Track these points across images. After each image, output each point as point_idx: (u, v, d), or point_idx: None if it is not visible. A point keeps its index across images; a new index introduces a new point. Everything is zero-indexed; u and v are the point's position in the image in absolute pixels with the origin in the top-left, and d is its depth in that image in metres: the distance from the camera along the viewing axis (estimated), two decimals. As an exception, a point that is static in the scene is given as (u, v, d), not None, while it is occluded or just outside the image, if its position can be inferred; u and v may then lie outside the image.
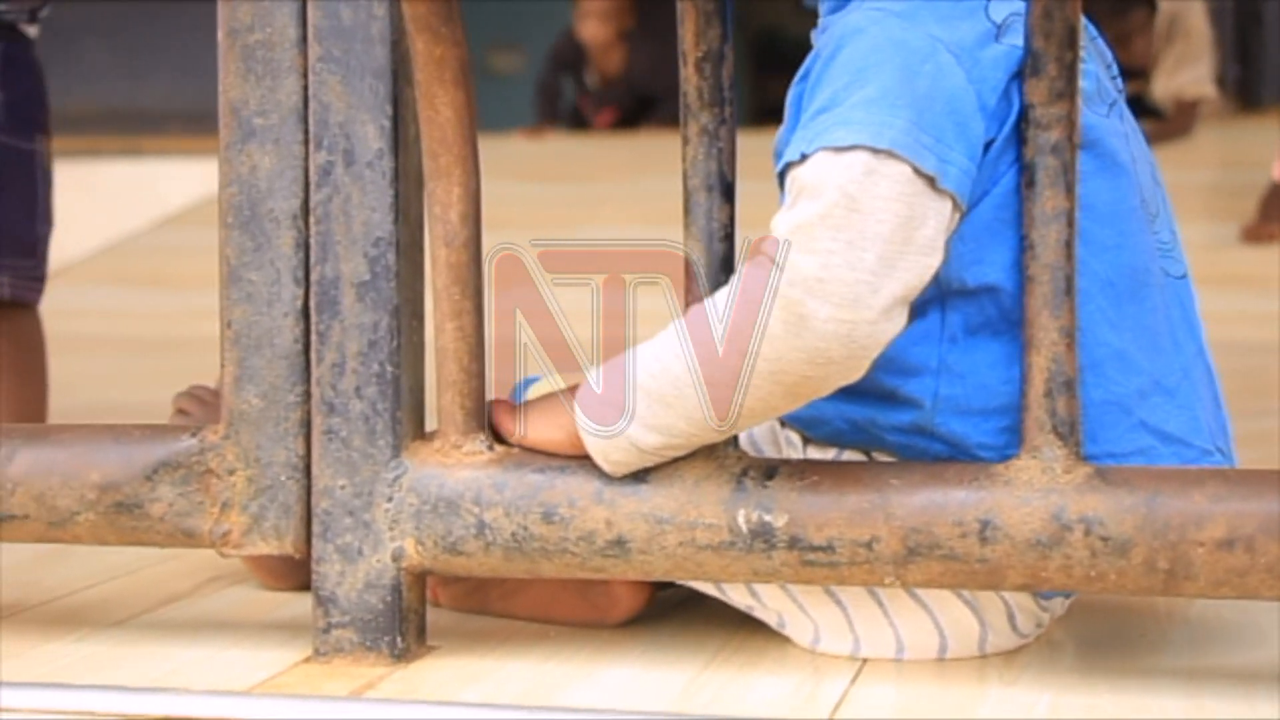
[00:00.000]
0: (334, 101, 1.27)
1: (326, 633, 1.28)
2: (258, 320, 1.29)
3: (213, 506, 1.30)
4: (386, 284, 1.27)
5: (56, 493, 1.31)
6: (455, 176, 1.26)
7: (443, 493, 1.26)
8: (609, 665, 1.28)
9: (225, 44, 1.28)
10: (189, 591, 1.52)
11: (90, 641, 1.35)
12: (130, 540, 1.32)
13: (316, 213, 1.28)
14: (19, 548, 1.66)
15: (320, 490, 1.28)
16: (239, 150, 1.29)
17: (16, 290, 2.00)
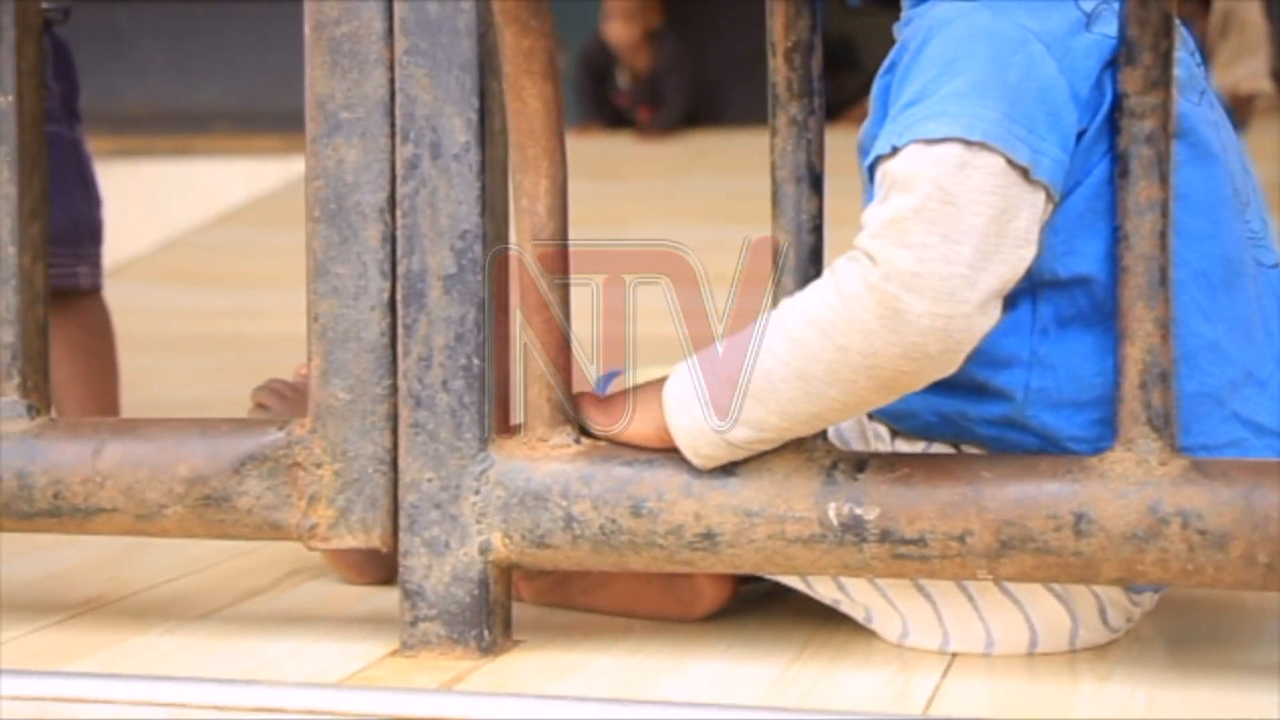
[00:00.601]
0: (421, 94, 1.27)
1: (413, 626, 1.28)
2: (345, 313, 1.29)
3: (300, 500, 1.30)
4: (473, 277, 1.27)
5: (145, 486, 1.31)
6: (543, 169, 1.25)
7: (530, 486, 1.26)
8: (696, 659, 1.28)
9: (312, 38, 1.28)
10: (270, 585, 1.53)
11: (178, 634, 1.36)
12: (217, 534, 1.32)
13: (403, 206, 1.28)
14: (97, 542, 1.67)
15: (407, 484, 1.28)
16: (326, 144, 1.29)
17: (94, 279, 2.08)
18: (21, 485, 1.32)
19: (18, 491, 1.32)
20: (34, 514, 1.33)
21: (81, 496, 1.32)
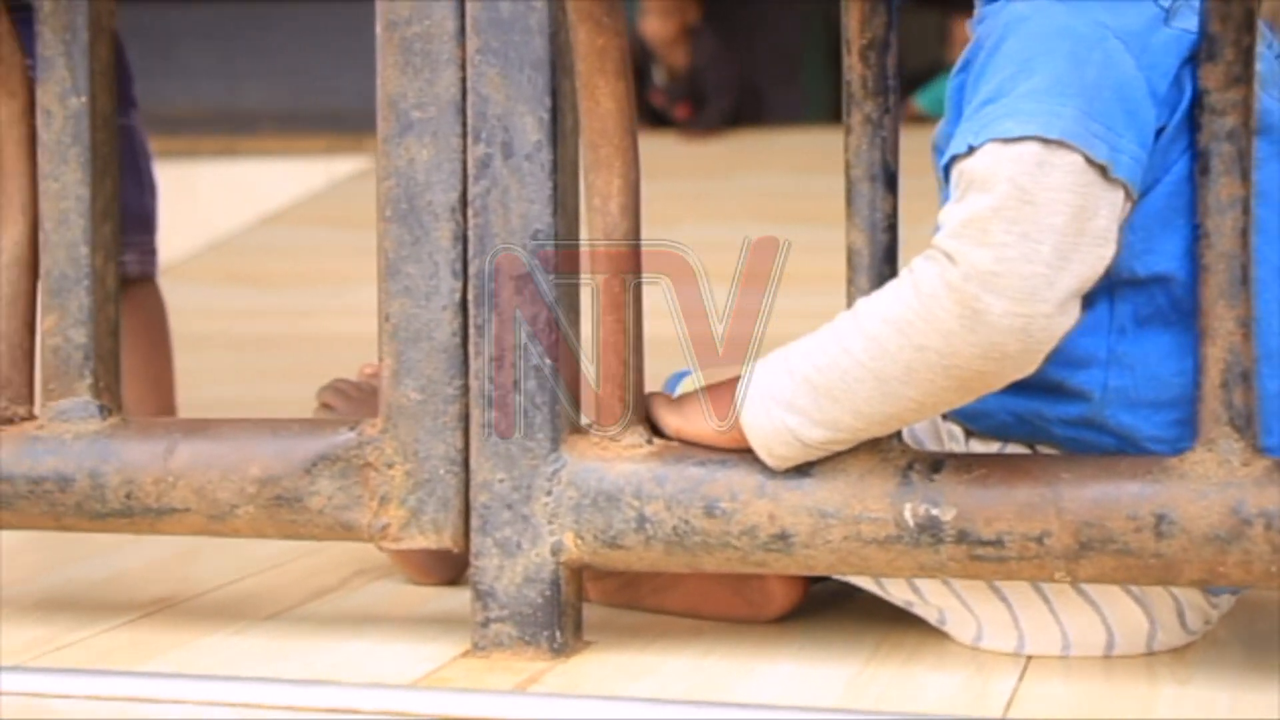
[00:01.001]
0: (492, 94, 1.26)
1: (485, 627, 1.28)
2: (416, 313, 1.29)
3: (371, 500, 1.30)
4: (545, 277, 1.27)
5: (217, 486, 1.31)
6: (615, 168, 1.25)
7: (602, 486, 1.26)
8: (769, 661, 1.27)
9: (384, 37, 1.28)
10: (337, 586, 1.53)
11: (248, 635, 1.36)
12: (289, 534, 1.32)
13: (475, 205, 1.27)
14: (162, 542, 1.67)
15: (479, 484, 1.28)
16: (397, 143, 1.29)
17: (144, 266, 2.06)
18: (94, 485, 1.33)
19: (90, 491, 1.33)
20: (106, 514, 1.33)
21: (153, 496, 1.32)
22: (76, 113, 1.34)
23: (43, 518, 1.34)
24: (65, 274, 1.35)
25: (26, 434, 1.35)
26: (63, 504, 1.33)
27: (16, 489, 1.34)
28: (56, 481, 1.33)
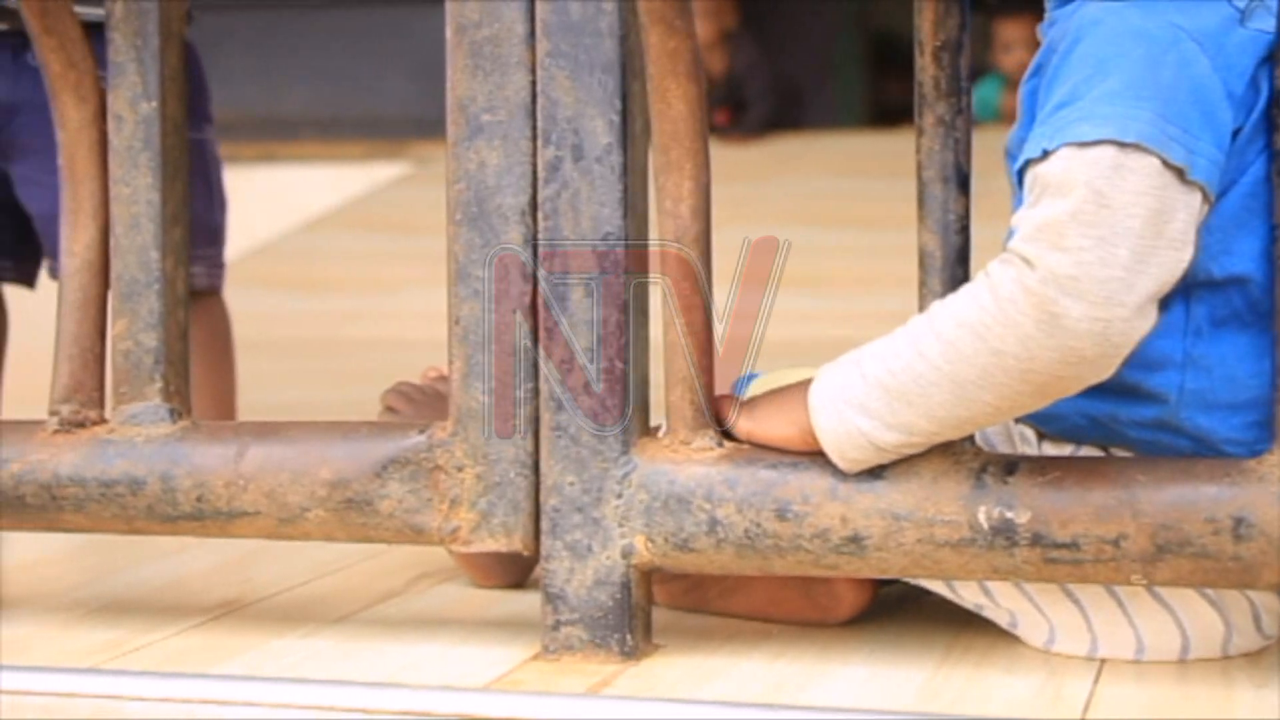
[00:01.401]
0: (562, 97, 1.26)
1: (555, 630, 1.28)
2: (485, 317, 1.29)
3: (441, 503, 1.30)
4: (615, 279, 1.27)
5: (287, 489, 1.32)
6: (686, 170, 1.25)
7: (673, 489, 1.26)
8: (840, 664, 1.27)
9: (453, 41, 1.29)
10: (402, 588, 1.53)
11: (317, 638, 1.36)
12: (359, 537, 1.32)
13: (544, 208, 1.27)
14: (224, 545, 1.68)
15: (549, 487, 1.28)
16: (467, 147, 1.29)
17: (211, 279, 2.07)
18: (165, 489, 1.33)
19: (161, 495, 1.33)
20: (177, 517, 1.34)
21: (224, 500, 1.32)
22: (147, 117, 1.35)
23: (113, 521, 1.35)
24: (136, 278, 1.35)
25: (98, 437, 1.35)
26: (134, 507, 1.34)
27: (88, 492, 1.34)
28: (128, 485, 1.34)
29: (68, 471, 1.34)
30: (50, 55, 1.35)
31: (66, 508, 1.35)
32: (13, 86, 1.86)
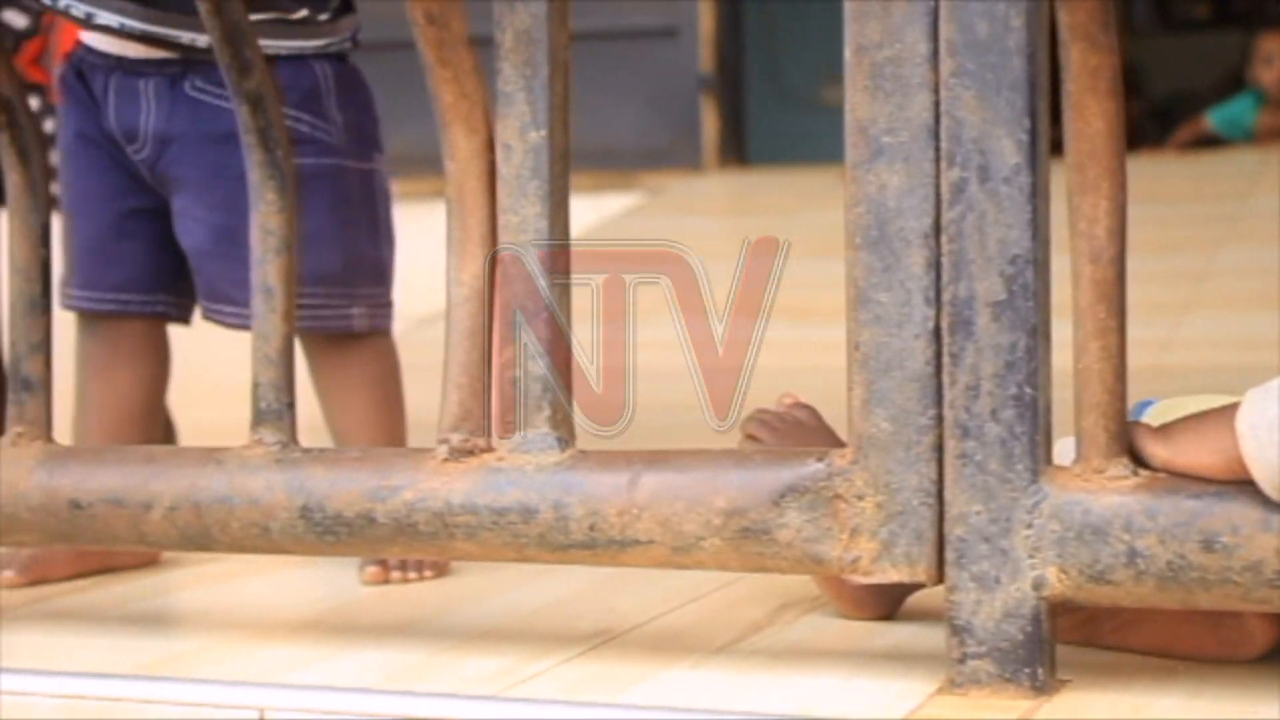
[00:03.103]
0: (968, 116, 1.24)
1: (962, 663, 1.25)
2: (887, 342, 1.27)
3: (842, 532, 1.27)
4: (1024, 303, 1.23)
5: (682, 518, 1.30)
6: (1103, 190, 1.21)
7: (1088, 519, 1.21)
8: (1266, 701, 1.21)
9: (853, 61, 1.27)
10: (768, 620, 1.51)
11: (705, 668, 1.35)
12: (754, 566, 1.30)
13: (949, 231, 1.25)
14: (568, 573, 1.67)
15: (954, 516, 1.25)
16: (867, 169, 1.27)
17: (374, 320, 1.87)
18: (558, 517, 1.33)
19: (554, 523, 1.33)
20: (569, 546, 1.33)
21: (618, 528, 1.32)
22: (536, 147, 1.35)
23: (504, 549, 1.35)
24: (525, 306, 1.36)
25: (488, 465, 1.36)
26: (525, 535, 1.34)
27: (480, 520, 1.35)
28: (520, 513, 1.34)
29: (460, 500, 1.35)
30: (443, 87, 1.37)
31: (459, 536, 1.35)
32: (169, 117, 1.79)
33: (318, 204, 1.76)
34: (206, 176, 1.76)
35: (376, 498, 1.37)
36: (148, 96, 1.77)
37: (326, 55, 1.80)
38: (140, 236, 1.82)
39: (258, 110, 1.41)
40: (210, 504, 1.41)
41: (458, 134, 1.38)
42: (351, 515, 1.37)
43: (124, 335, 1.84)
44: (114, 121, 1.79)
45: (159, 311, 1.85)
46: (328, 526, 1.38)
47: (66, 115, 1.81)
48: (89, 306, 1.83)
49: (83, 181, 1.80)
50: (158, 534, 1.43)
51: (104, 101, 1.78)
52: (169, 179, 1.80)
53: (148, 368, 1.85)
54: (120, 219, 1.82)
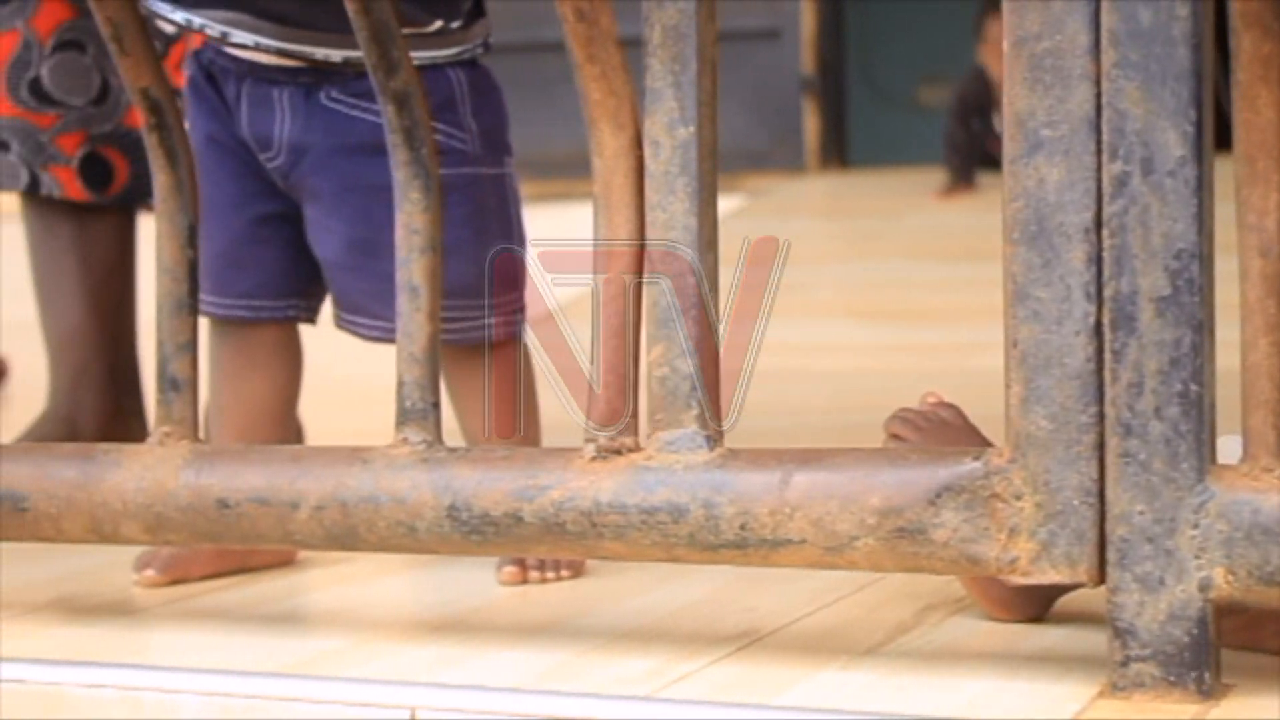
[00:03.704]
0: (1131, 109, 1.21)
1: (1125, 666, 1.22)
2: (1046, 339, 1.24)
3: (999, 532, 1.25)
4: (1189, 298, 1.20)
5: (835, 518, 1.29)
6: (1274, 182, 1.18)
7: (1257, 519, 1.19)
8: None
9: (1012, 54, 1.24)
10: (914, 621, 1.49)
11: (857, 669, 1.33)
12: (909, 566, 1.28)
13: (1111, 225, 1.22)
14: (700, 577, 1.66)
15: (1116, 516, 1.22)
16: (1026, 163, 1.24)
17: (510, 328, 1.84)
18: (708, 516, 1.32)
19: (704, 522, 1.32)
20: (719, 545, 1.32)
21: (769, 528, 1.30)
22: (684, 143, 1.34)
23: (653, 549, 1.34)
24: (672, 304, 1.35)
25: (636, 465, 1.35)
26: (675, 535, 1.33)
27: (629, 520, 1.34)
28: (669, 512, 1.33)
29: (608, 499, 1.34)
30: (591, 84, 1.36)
31: (606, 535, 1.35)
32: (304, 127, 1.77)
33: (454, 215, 1.72)
34: (341, 188, 1.74)
35: (524, 497, 1.36)
36: (282, 105, 1.76)
37: (460, 62, 1.78)
38: (272, 242, 1.82)
39: (403, 109, 1.41)
40: (356, 503, 1.41)
41: (605, 131, 1.37)
42: (498, 514, 1.37)
43: (256, 340, 1.84)
44: (247, 128, 1.78)
45: (291, 316, 1.84)
46: (474, 526, 1.38)
47: (195, 119, 1.80)
48: (221, 313, 1.82)
49: (213, 187, 1.78)
50: (304, 533, 1.43)
51: (236, 107, 1.78)
52: (303, 188, 1.79)
53: (280, 372, 1.85)
54: (252, 225, 1.81)
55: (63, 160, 2.27)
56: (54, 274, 2.37)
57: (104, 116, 2.30)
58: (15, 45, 2.26)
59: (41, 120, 2.26)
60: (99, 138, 2.29)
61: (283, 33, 1.72)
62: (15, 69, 2.26)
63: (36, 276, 2.40)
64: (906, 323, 4.60)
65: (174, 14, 1.73)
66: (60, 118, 2.27)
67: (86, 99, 2.28)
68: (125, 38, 1.45)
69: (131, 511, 1.47)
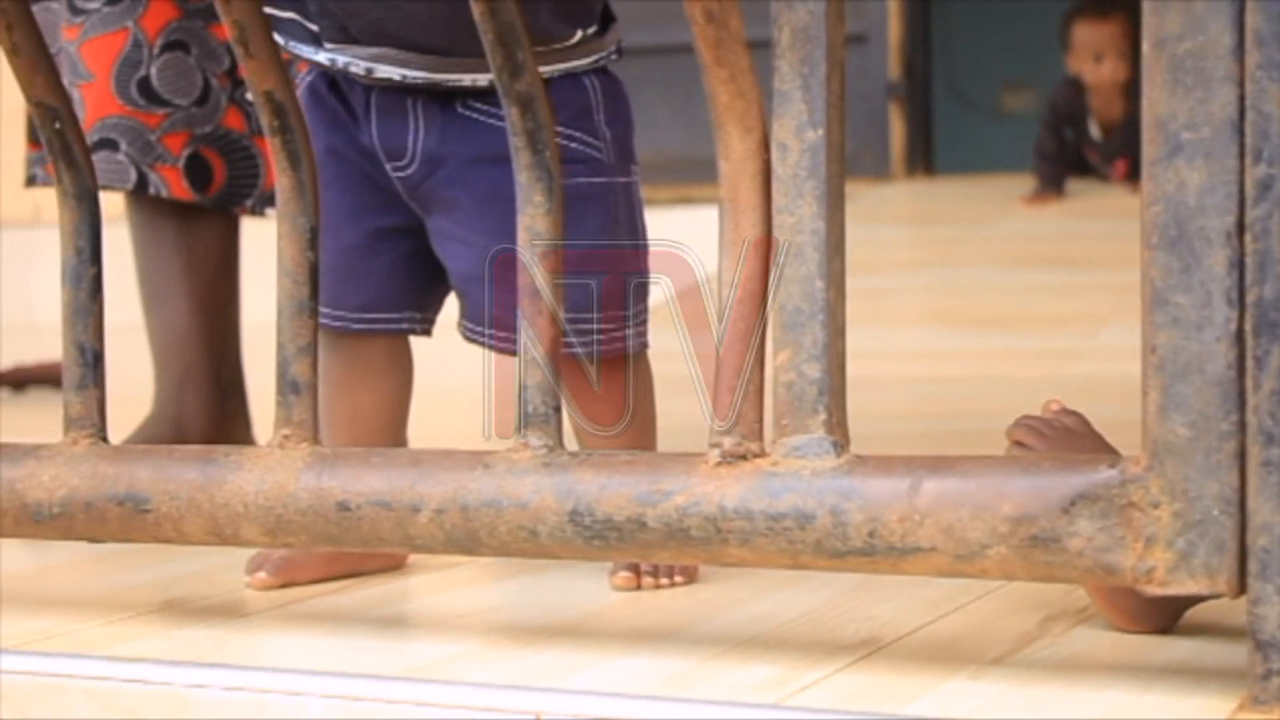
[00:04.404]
0: (1276, 111, 1.19)
1: (1266, 680, 1.19)
2: (1185, 345, 1.22)
3: (1135, 542, 1.23)
4: (1335, 304, 1.18)
5: (966, 525, 1.27)
6: None
7: (1406, 531, 1.16)
8: None
9: (1151, 55, 1.22)
10: (1038, 631, 1.47)
11: (986, 680, 1.31)
12: (1041, 575, 1.26)
13: (1254, 230, 1.20)
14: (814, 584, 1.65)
15: (1258, 526, 1.20)
16: (1165, 167, 1.22)
17: (643, 338, 1.82)
18: (835, 523, 1.30)
19: (831, 529, 1.30)
20: (846, 552, 1.30)
21: (899, 535, 1.29)
22: (813, 146, 1.33)
23: (779, 555, 1.33)
24: (800, 309, 1.33)
25: (761, 470, 1.34)
26: (801, 541, 1.31)
27: (754, 526, 1.32)
28: (796, 519, 1.31)
29: (733, 504, 1.33)
30: (720, 86, 1.35)
31: (731, 541, 1.33)
32: (441, 138, 1.75)
33: (590, 225, 1.72)
34: (480, 199, 1.71)
35: (647, 502, 1.35)
36: (417, 115, 1.74)
37: (594, 70, 1.77)
38: (388, 254, 1.80)
39: (527, 112, 1.41)
40: (478, 507, 1.40)
41: (732, 134, 1.36)
42: (622, 519, 1.36)
43: (367, 352, 1.83)
44: (376, 138, 1.75)
45: (405, 329, 1.83)
46: (597, 531, 1.37)
47: (314, 127, 1.73)
48: (335, 325, 1.80)
49: (331, 197, 1.74)
50: (424, 537, 1.43)
51: (365, 117, 1.76)
52: (435, 199, 1.77)
53: (391, 383, 1.84)
54: (369, 237, 1.79)
55: (170, 160, 2.29)
56: (160, 276, 2.39)
57: (205, 118, 2.32)
58: (125, 44, 2.28)
59: (150, 119, 2.28)
60: (201, 138, 2.31)
61: (430, 63, 1.70)
62: (125, 68, 2.28)
63: (142, 278, 2.42)
64: (996, 329, 4.56)
65: (316, 55, 1.72)
66: (167, 117, 2.29)
67: (191, 99, 2.31)
68: (251, 40, 1.45)
69: (252, 514, 1.48)
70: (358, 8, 1.69)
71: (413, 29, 1.69)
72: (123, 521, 1.52)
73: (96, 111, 2.28)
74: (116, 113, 2.27)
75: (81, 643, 1.51)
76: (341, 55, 1.71)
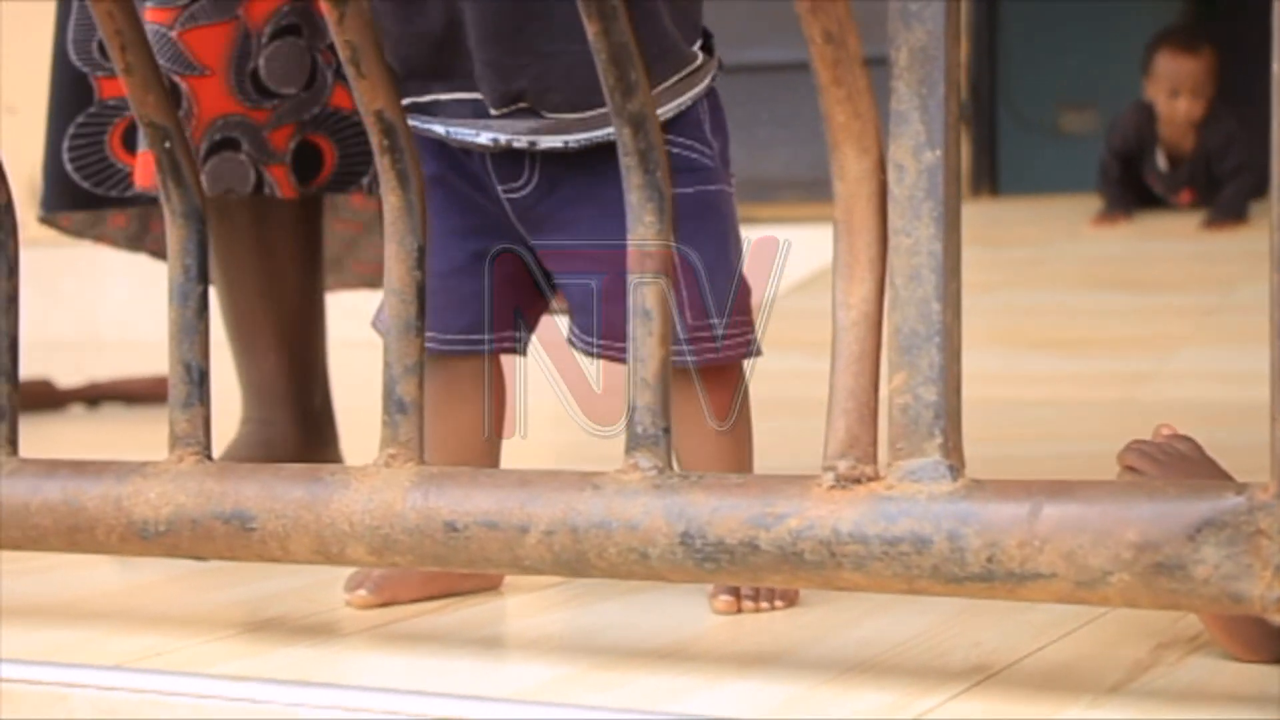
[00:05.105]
0: None
1: (1399, 712, 1.18)
2: (1315, 370, 1.20)
3: (1264, 570, 1.21)
4: None
5: (1088, 551, 1.25)
6: None
7: None
8: None
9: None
10: (1152, 659, 1.45)
11: (1103, 709, 1.29)
12: (1166, 604, 1.25)
13: (1387, 254, 1.18)
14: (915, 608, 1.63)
15: (1391, 555, 1.18)
16: (1295, 189, 1.21)
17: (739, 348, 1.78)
18: (953, 548, 1.29)
19: (949, 554, 1.29)
20: (964, 578, 1.29)
21: (1017, 561, 1.27)
22: (930, 167, 1.31)
23: (894, 580, 1.31)
24: (916, 330, 1.32)
25: (876, 494, 1.32)
26: (918, 566, 1.30)
27: (870, 550, 1.31)
28: (912, 543, 1.30)
29: (848, 528, 1.32)
30: (836, 106, 1.34)
31: (846, 565, 1.32)
32: (559, 156, 1.74)
33: (710, 232, 1.71)
34: (601, 215, 1.71)
35: (760, 525, 1.34)
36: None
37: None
38: (490, 276, 1.79)
39: (639, 132, 1.41)
40: (587, 529, 1.40)
41: (848, 154, 1.35)
42: (734, 542, 1.35)
43: (465, 373, 1.82)
44: (490, 161, 1.74)
45: (505, 349, 1.82)
46: (708, 554, 1.36)
47: (424, 148, 1.72)
48: (436, 348, 1.78)
49: (437, 219, 1.72)
50: (533, 558, 1.42)
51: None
52: (551, 219, 1.75)
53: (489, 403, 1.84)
54: (473, 259, 1.78)
55: (278, 158, 2.20)
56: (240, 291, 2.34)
57: (313, 99, 2.21)
58: (235, 36, 2.16)
59: (259, 115, 2.19)
60: (308, 124, 2.21)
61: (583, 123, 1.70)
62: (239, 62, 2.16)
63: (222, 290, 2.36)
64: (1067, 352, 4.53)
65: (478, 137, 1.71)
66: (274, 110, 2.19)
67: (299, 85, 2.20)
68: (363, 61, 1.45)
69: (358, 533, 1.47)
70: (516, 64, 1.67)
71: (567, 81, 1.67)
72: (228, 539, 1.52)
73: (213, 108, 2.16)
74: (236, 110, 2.17)
75: (186, 660, 1.51)
76: (504, 135, 1.70)
